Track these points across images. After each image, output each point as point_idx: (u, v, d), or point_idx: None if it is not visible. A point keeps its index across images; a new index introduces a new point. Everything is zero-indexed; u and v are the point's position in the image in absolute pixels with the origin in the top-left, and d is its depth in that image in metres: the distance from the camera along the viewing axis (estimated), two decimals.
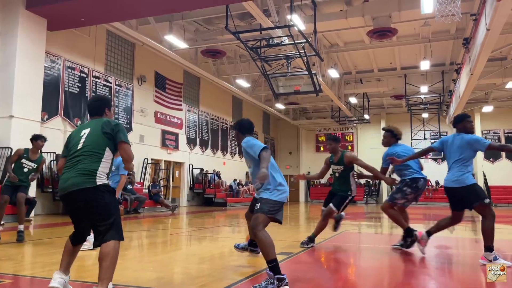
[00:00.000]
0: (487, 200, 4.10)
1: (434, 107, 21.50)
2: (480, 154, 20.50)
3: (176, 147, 16.68)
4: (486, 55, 11.14)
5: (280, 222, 3.34)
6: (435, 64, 17.65)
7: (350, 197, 5.38)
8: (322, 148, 27.82)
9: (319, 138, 28.18)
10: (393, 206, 5.16)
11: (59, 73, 11.43)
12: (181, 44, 12.85)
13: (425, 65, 15.30)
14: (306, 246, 5.28)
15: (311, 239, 5.38)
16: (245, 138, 3.55)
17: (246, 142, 3.47)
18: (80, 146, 2.74)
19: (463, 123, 4.36)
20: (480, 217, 4.23)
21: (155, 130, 15.41)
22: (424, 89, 18.55)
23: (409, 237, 4.97)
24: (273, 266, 2.95)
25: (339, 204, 5.35)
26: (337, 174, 5.49)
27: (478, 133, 23.22)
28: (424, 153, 4.73)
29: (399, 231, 8.15)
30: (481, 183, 22.90)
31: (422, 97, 20.13)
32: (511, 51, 15.79)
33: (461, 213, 4.42)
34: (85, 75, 12.31)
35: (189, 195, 17.64)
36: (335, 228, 5.75)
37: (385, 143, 5.44)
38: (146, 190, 13.84)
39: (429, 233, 4.68)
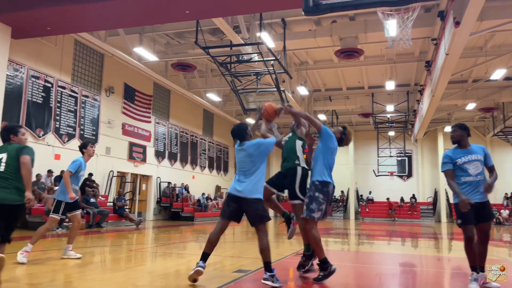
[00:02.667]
0: (458, 221, 4.09)
1: (400, 126, 22.18)
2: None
3: (144, 160, 16.43)
4: (446, 78, 11.65)
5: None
6: (400, 85, 18.27)
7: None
8: None
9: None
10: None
11: (22, 82, 11.12)
12: (150, 57, 12.79)
13: (390, 85, 15.81)
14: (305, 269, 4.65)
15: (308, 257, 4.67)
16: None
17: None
18: None
19: None
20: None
21: (122, 142, 15.15)
22: (390, 108, 19.13)
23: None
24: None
25: None
26: None
27: (440, 152, 24.08)
28: None
29: (366, 248, 8.28)
30: (443, 201, 23.66)
31: (388, 115, 20.74)
32: (471, 74, 16.55)
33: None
34: (50, 85, 12.02)
35: (155, 209, 17.35)
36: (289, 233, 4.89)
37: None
38: (111, 204, 13.53)
39: None
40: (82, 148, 5.84)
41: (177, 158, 19.01)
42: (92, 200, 11.86)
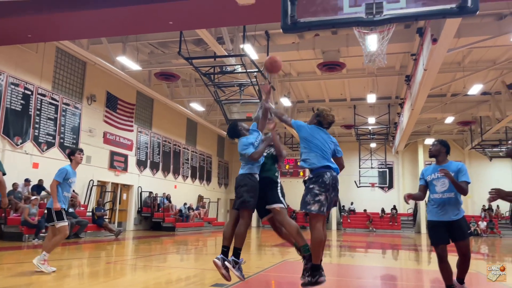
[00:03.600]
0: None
1: (381, 138, 22.51)
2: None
3: (125, 169, 16.25)
4: (425, 92, 11.91)
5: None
6: (382, 97, 18.57)
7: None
8: None
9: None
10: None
11: (0, 89, 10.92)
12: (134, 66, 12.73)
13: (371, 98, 16.06)
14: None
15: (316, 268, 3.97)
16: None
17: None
18: None
19: None
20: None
21: (103, 151, 14.96)
22: (371, 120, 19.41)
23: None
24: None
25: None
26: None
27: (421, 164, 24.50)
28: None
29: (349, 261, 8.31)
30: (423, 213, 24.00)
31: (370, 127, 21.03)
32: (450, 89, 16.95)
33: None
34: (29, 92, 11.84)
35: (136, 219, 17.13)
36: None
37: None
38: (90, 214, 13.30)
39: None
40: (70, 155, 5.90)
41: (159, 167, 18.85)
42: (71, 210, 11.64)
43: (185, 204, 19.48)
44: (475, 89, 14.04)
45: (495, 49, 12.72)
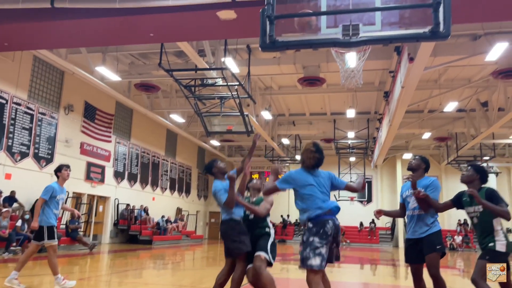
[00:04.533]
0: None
1: (360, 152, 22.76)
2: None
3: (102, 180, 15.93)
4: (403, 108, 12.14)
5: None
6: (361, 112, 18.84)
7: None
8: None
9: (252, 176, 28.45)
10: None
11: None
12: (113, 77, 12.57)
13: (351, 113, 16.28)
14: None
15: None
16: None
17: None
18: None
19: None
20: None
21: (80, 162, 14.65)
22: (351, 134, 19.65)
23: None
24: None
25: None
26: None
27: (399, 178, 24.87)
28: None
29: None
30: (401, 227, 24.29)
31: (349, 142, 21.26)
32: (427, 105, 17.34)
33: None
34: (4, 101, 11.54)
35: (112, 232, 16.75)
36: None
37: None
38: (64, 226, 12.95)
39: None
40: (56, 171, 5.89)
41: (137, 179, 18.56)
42: None
43: (163, 216, 19.19)
44: (451, 106, 14.40)
45: (470, 68, 13.10)
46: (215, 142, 22.90)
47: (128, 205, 17.22)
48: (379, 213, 4.31)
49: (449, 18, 2.74)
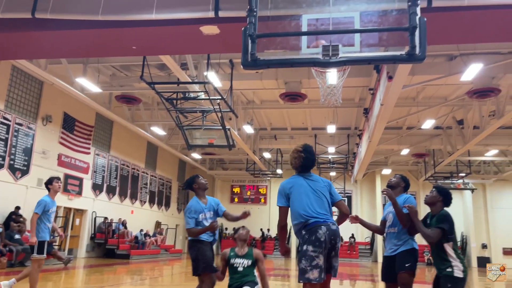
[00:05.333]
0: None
1: (341, 167, 22.99)
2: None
3: (80, 193, 15.61)
4: (382, 125, 12.37)
5: None
6: (341, 128, 19.10)
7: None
8: (236, 200, 27.96)
9: (234, 190, 28.34)
10: None
11: None
12: (94, 88, 12.45)
13: (331, 128, 16.49)
14: None
15: None
16: None
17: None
18: None
19: None
20: None
21: (57, 174, 14.27)
22: (331, 149, 19.87)
23: None
24: None
25: None
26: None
27: (378, 193, 25.17)
28: None
29: None
30: (380, 241, 24.50)
31: (330, 157, 21.48)
32: (405, 122, 17.71)
33: None
34: None
35: (89, 246, 16.36)
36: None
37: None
38: None
39: None
40: (47, 184, 5.89)
41: (115, 191, 18.26)
42: (17, 236, 10.99)
43: (141, 230, 18.88)
44: (428, 124, 14.75)
45: (446, 87, 13.48)
46: (196, 155, 22.79)
47: (106, 218, 16.88)
48: (355, 218, 4.22)
49: (425, 42, 2.85)
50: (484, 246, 25.28)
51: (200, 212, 4.48)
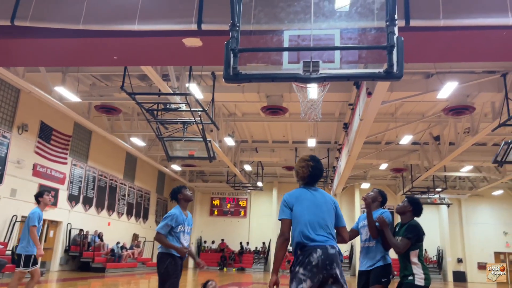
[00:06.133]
0: None
1: (321, 180, 23.09)
2: None
3: (55, 204, 15.21)
4: (361, 140, 12.55)
5: None
6: (321, 142, 19.29)
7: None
8: (216, 212, 27.73)
9: (213, 202, 28.12)
10: None
11: None
12: (73, 97, 12.25)
13: (311, 142, 16.64)
14: None
15: None
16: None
17: None
18: None
19: None
20: None
21: (32, 184, 13.96)
22: None
23: None
24: None
25: None
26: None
27: (357, 207, 25.40)
28: None
29: None
30: (358, 256, 24.63)
31: None
32: (384, 137, 18.02)
33: None
34: None
35: (62, 259, 15.90)
36: None
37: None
38: (10, 252, 12.17)
39: None
40: (38, 197, 5.95)
41: (92, 203, 17.88)
42: None
43: (118, 243, 18.48)
44: (406, 139, 15.05)
45: (423, 104, 13.82)
46: (176, 167, 22.58)
47: (81, 230, 16.48)
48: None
49: (402, 61, 2.92)
50: (459, 261, 25.71)
51: (180, 223, 4.45)
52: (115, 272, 16.35)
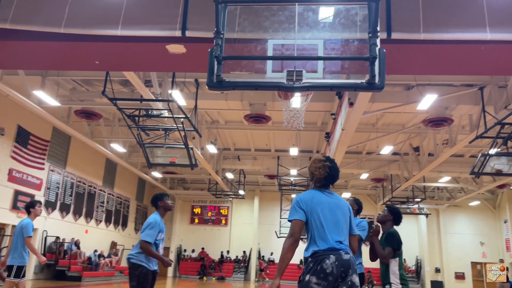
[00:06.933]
0: None
1: (302, 189, 23.20)
2: None
3: None
4: (343, 150, 12.68)
5: None
6: (304, 151, 19.39)
7: None
8: (196, 220, 27.47)
9: (194, 210, 27.85)
10: None
11: None
12: (52, 102, 12.00)
13: (294, 151, 16.72)
14: None
15: None
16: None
17: None
18: None
19: None
20: None
21: (6, 190, 13.57)
22: (294, 171, 20.07)
23: None
24: None
25: None
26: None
27: None
28: None
29: None
30: None
31: (292, 179, 21.67)
32: (365, 147, 18.24)
33: None
34: None
35: (37, 267, 15.44)
36: None
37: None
38: None
39: None
40: (29, 207, 5.92)
41: (70, 210, 17.48)
42: None
43: (95, 251, 18.08)
44: (387, 150, 15.26)
45: (404, 115, 14.06)
46: (156, 174, 22.31)
47: (57, 237, 16.07)
48: None
49: (384, 72, 2.97)
50: (437, 270, 26.07)
51: (160, 231, 4.38)
52: (91, 281, 15.96)
